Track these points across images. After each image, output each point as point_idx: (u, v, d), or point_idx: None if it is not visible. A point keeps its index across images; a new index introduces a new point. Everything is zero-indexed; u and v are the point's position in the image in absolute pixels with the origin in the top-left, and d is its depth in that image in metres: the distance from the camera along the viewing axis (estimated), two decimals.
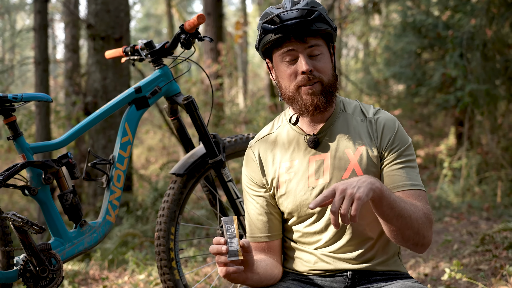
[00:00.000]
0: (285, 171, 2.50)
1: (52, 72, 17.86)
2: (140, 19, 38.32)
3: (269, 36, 2.38)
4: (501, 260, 4.48)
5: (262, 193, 2.56)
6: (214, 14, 13.35)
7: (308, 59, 2.37)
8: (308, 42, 2.36)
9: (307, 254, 2.52)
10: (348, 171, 2.42)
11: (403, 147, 2.43)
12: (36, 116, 8.88)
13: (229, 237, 2.17)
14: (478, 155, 9.67)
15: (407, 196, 2.38)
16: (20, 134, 3.12)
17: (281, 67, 2.43)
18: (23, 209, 11.76)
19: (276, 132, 2.59)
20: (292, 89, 2.41)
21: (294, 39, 2.35)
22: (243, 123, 14.00)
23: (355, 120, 2.49)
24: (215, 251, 2.16)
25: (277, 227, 2.58)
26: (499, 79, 9.46)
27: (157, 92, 3.47)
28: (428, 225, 2.34)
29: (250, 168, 2.60)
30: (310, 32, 2.35)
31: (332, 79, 2.42)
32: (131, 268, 5.50)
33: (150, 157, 18.43)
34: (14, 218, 2.86)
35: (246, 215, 2.63)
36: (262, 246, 2.57)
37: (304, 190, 2.46)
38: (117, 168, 3.36)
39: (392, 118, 2.49)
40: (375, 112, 2.50)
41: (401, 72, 11.29)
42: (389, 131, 2.44)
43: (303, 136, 2.50)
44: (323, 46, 2.40)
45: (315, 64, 2.37)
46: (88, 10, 8.04)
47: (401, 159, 2.42)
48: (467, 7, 9.35)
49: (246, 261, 2.25)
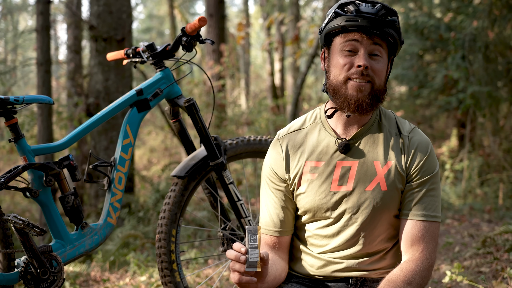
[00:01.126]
0: (309, 171, 2.48)
1: (54, 73, 17.88)
2: (143, 20, 38.36)
3: (340, 20, 2.36)
4: (502, 263, 4.48)
5: (282, 188, 2.55)
6: (217, 15, 13.34)
7: (367, 56, 2.35)
8: (374, 40, 2.35)
9: (312, 258, 2.52)
10: (373, 183, 2.42)
11: (430, 174, 2.42)
12: (38, 118, 8.88)
13: (250, 247, 2.14)
14: (480, 157, 9.67)
15: (417, 229, 2.38)
16: (22, 136, 3.13)
17: (337, 55, 2.39)
18: (25, 211, 11.76)
19: (307, 129, 2.56)
20: (341, 79, 2.38)
21: (363, 32, 2.34)
22: (245, 124, 14.00)
23: (389, 132, 2.47)
24: (234, 258, 2.15)
25: (290, 223, 2.58)
26: (501, 81, 9.47)
27: (159, 94, 3.48)
28: (426, 282, 2.38)
29: (275, 160, 2.57)
30: (380, 32, 2.34)
31: (383, 86, 2.40)
32: (132, 270, 5.50)
33: (152, 158, 18.44)
34: (15, 220, 2.87)
35: (261, 207, 2.62)
36: (272, 240, 2.57)
37: (325, 194, 2.45)
38: (118, 170, 3.37)
39: (426, 141, 2.47)
40: (410, 130, 2.48)
41: (403, 74, 11.27)
42: (421, 154, 2.43)
43: (335, 139, 2.47)
44: (384, 51, 2.39)
45: (372, 64, 2.36)
46: (90, 12, 8.04)
47: (425, 186, 2.41)
48: (469, 9, 9.35)
49: (261, 273, 2.24)
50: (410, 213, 2.40)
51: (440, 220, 2.43)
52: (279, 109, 15.91)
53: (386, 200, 2.40)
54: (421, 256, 2.37)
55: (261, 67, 28.72)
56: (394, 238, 2.49)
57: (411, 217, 2.39)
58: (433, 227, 2.40)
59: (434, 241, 2.40)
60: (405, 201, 2.41)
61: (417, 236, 2.38)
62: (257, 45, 31.79)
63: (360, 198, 2.41)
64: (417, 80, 11.14)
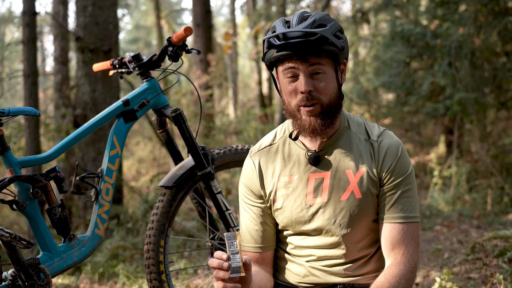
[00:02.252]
0: (283, 186, 2.49)
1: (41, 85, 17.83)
2: (130, 31, 38.38)
3: (272, 52, 2.36)
4: (491, 268, 4.48)
5: (259, 204, 2.56)
6: (204, 25, 13.36)
7: (308, 79, 2.33)
8: (310, 61, 2.32)
9: (298, 266, 2.52)
10: (347, 192, 2.42)
11: (402, 175, 2.43)
12: (26, 129, 8.85)
13: (232, 253, 2.15)
14: (468, 163, 9.70)
15: (396, 231, 2.39)
16: (8, 148, 3.11)
17: (283, 82, 2.40)
18: (14, 223, 11.69)
19: (277, 144, 2.57)
20: (293, 107, 2.39)
21: (296, 58, 2.32)
22: (233, 133, 14.00)
23: (359, 139, 2.47)
24: (216, 266, 2.15)
25: (271, 238, 2.58)
26: (488, 87, 9.51)
27: (145, 104, 3.47)
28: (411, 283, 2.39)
29: (249, 178, 2.58)
30: (313, 52, 2.32)
31: (334, 99, 2.38)
32: (121, 281, 5.47)
33: (140, 169, 18.40)
34: (2, 233, 2.85)
35: (241, 224, 2.62)
36: (255, 256, 2.57)
37: (301, 207, 2.45)
38: (105, 181, 3.36)
39: (396, 143, 2.47)
40: (379, 133, 2.48)
41: (391, 81, 11.32)
42: (391, 157, 2.43)
43: (305, 151, 2.48)
44: (326, 65, 2.36)
45: (316, 84, 2.34)
46: (76, 23, 8.03)
47: (399, 188, 2.42)
48: (455, 16, 9.39)
49: (245, 279, 2.24)
50: (387, 217, 2.41)
51: (418, 220, 2.43)
52: (267, 118, 15.94)
53: (362, 207, 2.41)
54: (403, 259, 2.38)
55: (248, 76, 28.77)
56: (377, 242, 2.50)
57: (389, 220, 2.40)
58: (412, 227, 2.40)
59: (414, 242, 2.40)
60: (381, 205, 2.42)
61: (397, 239, 2.39)
62: (244, 55, 31.85)
63: (336, 208, 2.42)
64: (404, 87, 11.19)
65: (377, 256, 2.50)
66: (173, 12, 33.18)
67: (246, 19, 22.59)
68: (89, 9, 7.72)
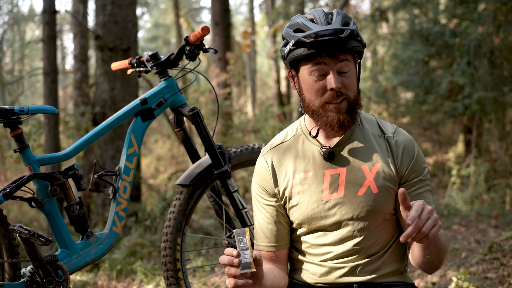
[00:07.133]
0: (299, 182, 2.50)
1: (61, 83, 17.95)
2: (149, 29, 38.48)
3: (302, 50, 2.35)
4: (508, 268, 4.47)
5: (272, 203, 2.56)
6: (222, 23, 13.39)
7: (337, 76, 2.35)
8: (339, 58, 2.35)
9: (314, 265, 2.52)
10: (363, 188, 2.43)
11: (422, 173, 2.46)
12: (45, 127, 8.92)
13: (241, 249, 2.16)
14: (486, 162, 9.65)
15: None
16: (27, 146, 3.15)
17: (308, 80, 2.40)
18: (33, 220, 11.78)
19: (290, 141, 2.57)
20: (318, 105, 2.39)
21: (327, 55, 2.34)
22: (251, 132, 14.02)
23: (373, 135, 2.49)
24: (227, 263, 2.17)
25: (285, 237, 2.58)
26: (507, 87, 9.45)
27: (163, 103, 3.50)
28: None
29: (262, 176, 2.59)
30: (343, 49, 2.34)
31: (357, 95, 2.42)
32: (139, 278, 5.51)
33: (159, 167, 18.46)
34: (20, 230, 2.88)
35: (254, 223, 2.63)
36: (269, 255, 2.58)
37: (317, 203, 2.46)
38: (123, 179, 3.38)
39: (411, 141, 2.49)
40: (393, 131, 2.50)
41: (409, 80, 11.28)
42: (409, 155, 2.45)
43: (319, 148, 2.49)
44: (351, 61, 2.39)
45: (344, 81, 2.36)
46: (96, 21, 8.08)
47: (419, 184, 2.45)
48: (474, 15, 9.34)
49: (256, 274, 2.25)
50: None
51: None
52: (285, 116, 15.92)
53: (379, 201, 2.42)
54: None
55: (267, 74, 28.73)
56: (393, 236, 2.51)
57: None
58: None
59: None
60: None
61: None
62: (263, 53, 31.82)
63: (353, 203, 2.43)
64: (422, 86, 11.14)
65: (392, 254, 2.50)
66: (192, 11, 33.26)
67: (265, 18, 22.57)
68: (108, 7, 7.76)
